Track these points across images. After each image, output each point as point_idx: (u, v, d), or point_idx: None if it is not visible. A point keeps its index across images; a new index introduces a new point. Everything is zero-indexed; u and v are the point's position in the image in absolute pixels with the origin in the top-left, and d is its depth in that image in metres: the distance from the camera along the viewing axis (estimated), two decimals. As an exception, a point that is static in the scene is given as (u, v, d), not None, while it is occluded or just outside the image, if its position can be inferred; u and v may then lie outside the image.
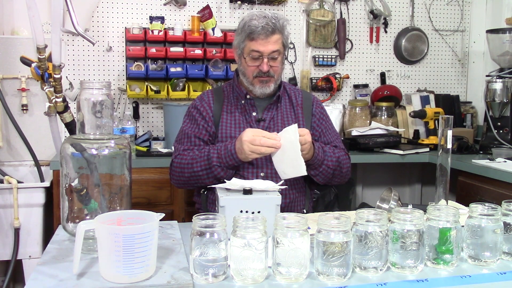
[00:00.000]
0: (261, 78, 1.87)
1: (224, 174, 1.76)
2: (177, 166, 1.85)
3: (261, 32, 1.80)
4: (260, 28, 1.80)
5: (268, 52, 1.83)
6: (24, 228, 2.58)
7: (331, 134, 2.00)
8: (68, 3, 1.92)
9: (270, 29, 1.81)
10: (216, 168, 1.75)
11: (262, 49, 1.82)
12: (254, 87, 1.89)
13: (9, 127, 2.92)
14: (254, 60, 1.85)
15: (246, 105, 1.93)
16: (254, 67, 1.86)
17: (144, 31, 3.03)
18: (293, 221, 1.10)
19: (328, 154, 1.85)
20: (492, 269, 1.20)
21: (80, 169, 1.26)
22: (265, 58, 1.83)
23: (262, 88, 1.88)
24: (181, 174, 1.84)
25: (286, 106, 1.97)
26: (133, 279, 1.04)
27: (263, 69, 1.84)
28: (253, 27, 1.81)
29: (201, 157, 1.78)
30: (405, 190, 3.70)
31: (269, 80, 1.87)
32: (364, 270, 1.13)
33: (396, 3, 3.58)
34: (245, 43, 1.86)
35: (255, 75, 1.87)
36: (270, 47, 1.82)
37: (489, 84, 2.96)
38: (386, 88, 3.49)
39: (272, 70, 1.86)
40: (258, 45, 1.82)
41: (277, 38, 1.83)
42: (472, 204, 1.24)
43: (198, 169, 1.78)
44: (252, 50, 1.83)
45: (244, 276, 1.08)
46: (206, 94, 2.00)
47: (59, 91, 1.86)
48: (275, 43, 1.83)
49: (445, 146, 1.50)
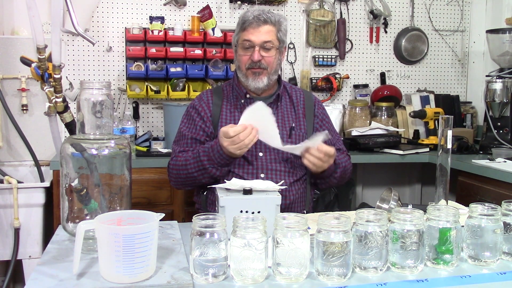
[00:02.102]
0: (253, 70, 1.85)
1: (220, 173, 1.76)
2: (173, 168, 1.86)
3: (252, 21, 1.82)
4: (252, 17, 1.83)
5: (259, 42, 1.83)
6: (24, 228, 2.58)
7: (333, 136, 1.99)
8: (68, 3, 1.92)
9: (262, 18, 1.83)
10: (211, 169, 1.75)
11: (253, 38, 1.83)
12: (248, 79, 1.87)
13: (9, 127, 2.92)
14: (245, 49, 1.85)
15: (245, 104, 1.89)
16: (246, 57, 1.86)
17: (144, 31, 3.03)
18: (293, 221, 1.10)
19: (338, 165, 1.87)
20: (492, 269, 1.20)
21: (80, 169, 1.26)
22: (256, 47, 1.83)
23: (255, 81, 1.86)
24: (178, 176, 1.85)
25: (287, 105, 1.96)
26: (133, 279, 1.04)
27: (254, 58, 1.83)
28: (246, 17, 1.84)
29: (193, 159, 1.78)
30: (405, 190, 3.70)
31: (261, 73, 1.85)
32: (364, 270, 1.13)
33: (396, 3, 3.58)
34: (239, 35, 1.88)
35: (247, 66, 1.86)
36: (261, 37, 1.83)
37: (489, 84, 2.96)
38: (386, 88, 3.49)
39: (264, 62, 1.85)
40: (249, 34, 1.83)
41: (269, 29, 1.84)
42: (472, 204, 1.24)
43: (192, 170, 1.78)
44: (244, 40, 1.85)
45: (244, 276, 1.08)
46: (205, 94, 1.99)
47: (59, 91, 1.86)
48: (266, 33, 1.83)
49: (445, 146, 1.50)
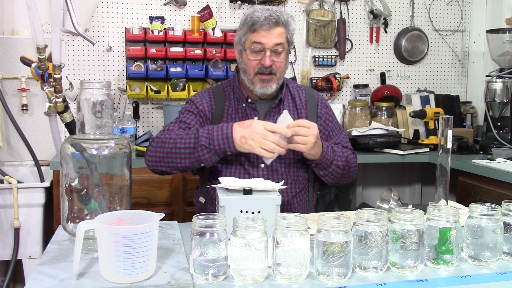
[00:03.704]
0: (262, 76, 1.74)
1: (208, 158, 1.63)
2: (158, 141, 1.72)
3: (263, 22, 1.69)
4: (263, 18, 1.69)
5: (271, 44, 1.71)
6: (24, 228, 2.58)
7: (338, 135, 1.93)
8: (68, 3, 1.92)
9: (273, 20, 1.69)
10: (203, 149, 1.61)
11: (264, 40, 1.70)
12: (255, 86, 1.77)
13: (9, 127, 2.92)
14: (255, 53, 1.73)
15: (247, 108, 1.82)
16: (255, 61, 1.73)
17: (144, 31, 3.03)
18: (293, 221, 1.10)
19: (338, 153, 1.79)
20: (492, 269, 1.20)
21: (80, 169, 1.26)
22: (267, 51, 1.71)
23: (263, 88, 1.76)
24: (160, 150, 1.70)
25: (289, 108, 1.86)
26: (133, 279, 1.04)
27: (265, 63, 1.71)
28: (256, 18, 1.70)
29: (188, 135, 1.66)
30: (405, 190, 3.70)
31: (271, 79, 1.75)
32: (364, 270, 1.13)
33: (396, 3, 3.58)
34: (247, 36, 1.74)
35: (257, 71, 1.74)
36: (273, 40, 1.70)
37: (489, 84, 2.96)
38: (386, 88, 3.49)
39: (274, 66, 1.74)
40: (260, 37, 1.70)
41: (281, 31, 1.72)
42: (472, 204, 1.24)
43: (181, 145, 1.65)
44: (254, 42, 1.71)
45: (244, 276, 1.08)
46: (207, 93, 1.88)
47: (59, 91, 1.86)
48: (278, 36, 1.71)
49: (445, 146, 1.50)
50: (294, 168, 1.83)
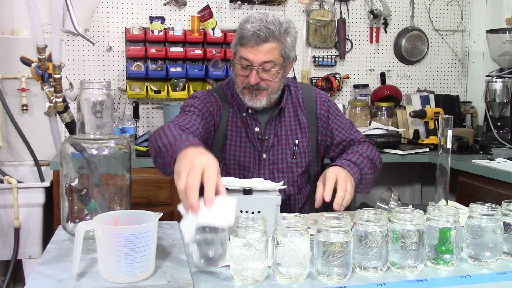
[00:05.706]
0: (250, 90, 1.65)
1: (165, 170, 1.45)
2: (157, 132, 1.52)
3: (250, 38, 1.56)
4: (251, 33, 1.56)
5: (258, 62, 1.59)
6: (24, 228, 2.58)
7: (343, 130, 1.80)
8: (68, 3, 1.92)
9: (262, 35, 1.55)
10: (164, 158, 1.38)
11: (251, 57, 1.58)
12: (244, 98, 1.68)
13: (9, 127, 2.92)
14: (243, 69, 1.62)
15: (248, 118, 1.73)
16: (243, 77, 1.64)
17: (144, 31, 3.03)
18: (293, 221, 1.10)
19: (359, 162, 1.62)
20: (492, 269, 1.19)
21: (80, 169, 1.26)
22: (254, 69, 1.59)
23: (252, 100, 1.66)
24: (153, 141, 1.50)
25: (290, 116, 1.78)
26: (133, 279, 1.04)
27: (250, 82, 1.61)
28: (245, 31, 1.57)
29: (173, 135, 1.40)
30: (405, 190, 3.70)
31: (259, 93, 1.65)
32: (364, 270, 1.13)
33: (396, 3, 3.58)
34: (237, 48, 1.64)
35: (244, 86, 1.65)
36: (260, 57, 1.58)
37: (489, 84, 2.96)
38: (386, 88, 3.49)
39: (264, 83, 1.63)
40: (248, 53, 1.58)
41: (271, 47, 1.57)
42: (472, 204, 1.24)
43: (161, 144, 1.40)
44: (241, 57, 1.61)
45: (244, 276, 1.08)
46: (212, 95, 1.76)
47: (59, 91, 1.86)
48: (267, 53, 1.58)
49: (445, 146, 1.50)
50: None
